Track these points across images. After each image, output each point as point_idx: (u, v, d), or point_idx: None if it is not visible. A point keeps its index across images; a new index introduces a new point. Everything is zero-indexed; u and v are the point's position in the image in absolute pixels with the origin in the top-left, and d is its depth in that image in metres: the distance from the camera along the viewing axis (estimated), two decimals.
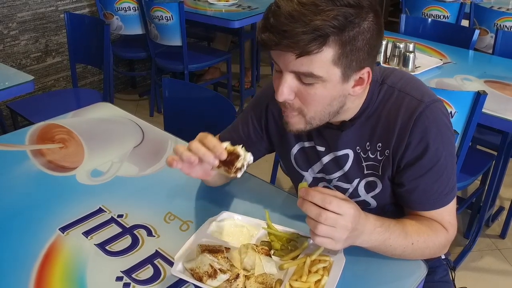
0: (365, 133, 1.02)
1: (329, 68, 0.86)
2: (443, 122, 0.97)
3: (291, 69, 0.87)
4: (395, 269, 0.98)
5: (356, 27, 0.83)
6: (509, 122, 1.71)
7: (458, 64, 2.20)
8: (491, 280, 2.07)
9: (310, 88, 0.89)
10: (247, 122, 1.19)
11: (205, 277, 0.90)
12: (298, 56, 0.84)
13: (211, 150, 0.91)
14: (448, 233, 1.01)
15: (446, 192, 1.00)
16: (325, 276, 0.92)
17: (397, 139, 0.98)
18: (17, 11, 3.10)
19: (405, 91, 0.98)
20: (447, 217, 1.01)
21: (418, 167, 0.98)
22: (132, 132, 1.52)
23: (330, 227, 0.82)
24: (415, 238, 0.95)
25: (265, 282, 0.89)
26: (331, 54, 0.84)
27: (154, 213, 1.14)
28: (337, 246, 0.85)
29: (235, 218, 1.08)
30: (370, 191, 1.08)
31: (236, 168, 0.92)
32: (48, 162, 1.35)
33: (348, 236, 0.84)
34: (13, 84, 1.90)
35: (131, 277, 0.95)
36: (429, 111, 0.96)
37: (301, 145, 1.13)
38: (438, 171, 0.98)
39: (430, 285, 1.20)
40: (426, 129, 0.95)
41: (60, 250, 1.02)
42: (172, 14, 2.92)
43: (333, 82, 0.88)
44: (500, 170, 2.09)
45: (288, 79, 0.89)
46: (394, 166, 1.01)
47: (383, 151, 1.01)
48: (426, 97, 0.97)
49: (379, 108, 1.00)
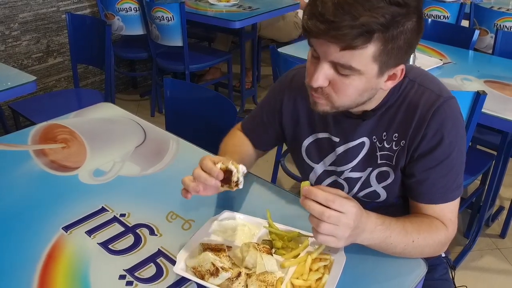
0: (384, 123, 1.05)
1: (368, 63, 0.88)
2: (458, 119, 1.01)
3: (331, 59, 0.89)
4: (396, 267, 0.99)
5: (400, 26, 0.85)
6: (508, 122, 1.72)
7: (458, 64, 2.21)
8: (491, 280, 2.08)
9: (345, 79, 0.91)
10: (263, 106, 1.24)
11: (207, 275, 0.91)
12: (342, 49, 0.85)
13: (208, 173, 0.97)
14: (448, 230, 1.02)
15: (453, 188, 1.02)
16: (326, 274, 0.93)
17: (414, 130, 1.01)
18: (19, 12, 3.11)
19: (425, 85, 1.02)
20: (449, 214, 1.02)
21: (431, 158, 1.00)
22: (134, 132, 1.53)
23: (333, 225, 0.83)
24: (415, 236, 0.97)
25: (267, 280, 0.90)
26: (373, 50, 0.86)
27: (156, 212, 1.15)
28: (340, 244, 0.86)
29: (237, 217, 1.09)
30: (382, 181, 1.10)
31: (234, 183, 0.99)
32: (50, 162, 1.36)
33: (350, 234, 0.86)
34: (15, 84, 1.91)
35: (134, 276, 0.96)
36: (447, 105, 0.99)
37: (315, 136, 1.15)
38: (448, 165, 1.00)
39: (430, 283, 1.21)
40: (442, 122, 0.98)
41: (64, 249, 1.03)
42: (173, 14, 2.93)
43: (368, 76, 0.91)
44: (500, 170, 2.09)
45: (325, 67, 0.90)
46: (408, 156, 1.04)
47: (399, 142, 1.04)
48: (444, 92, 1.01)
49: (399, 99, 1.03)
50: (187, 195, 1.00)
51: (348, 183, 1.14)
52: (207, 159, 1.00)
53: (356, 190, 1.13)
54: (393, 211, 1.07)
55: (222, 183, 0.99)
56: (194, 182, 0.99)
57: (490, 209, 2.28)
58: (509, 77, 2.05)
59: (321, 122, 1.13)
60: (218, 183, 0.99)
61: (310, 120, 1.15)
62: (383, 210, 1.04)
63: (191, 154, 1.41)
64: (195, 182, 0.99)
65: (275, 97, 1.21)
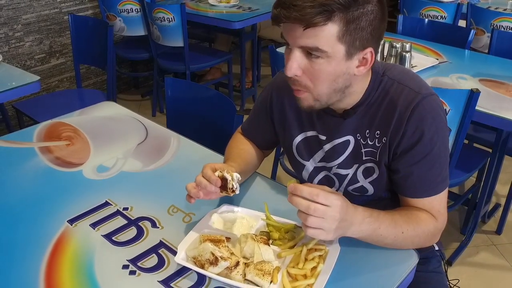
0: (365, 121, 1.09)
1: (334, 43, 0.93)
2: (438, 114, 1.04)
3: (299, 44, 0.94)
4: (388, 257, 1.02)
5: (360, 8, 0.92)
6: (503, 120, 1.76)
7: (454, 63, 2.25)
8: (487, 275, 2.12)
9: (316, 64, 0.95)
10: (256, 108, 1.30)
11: (206, 265, 0.95)
12: (305, 28, 0.91)
13: (208, 180, 1.05)
14: (437, 221, 1.06)
15: (439, 181, 1.06)
16: (321, 263, 0.97)
17: (395, 127, 1.04)
18: (22, 13, 3.15)
19: (404, 83, 1.05)
20: (437, 206, 1.06)
21: (413, 154, 1.04)
22: (136, 129, 1.57)
23: (320, 218, 0.88)
24: (405, 227, 1.01)
25: (264, 269, 0.94)
26: (336, 29, 0.92)
27: (158, 206, 1.19)
28: (328, 236, 0.91)
29: (235, 210, 1.14)
30: (368, 176, 1.14)
31: (230, 189, 1.07)
32: (55, 159, 1.40)
33: (337, 226, 0.90)
34: (20, 84, 1.96)
35: (137, 265, 1.00)
36: (426, 102, 1.02)
37: (304, 135, 1.19)
38: (431, 159, 1.04)
39: (423, 274, 1.25)
40: (422, 119, 1.02)
41: (69, 241, 1.07)
42: (174, 15, 2.97)
43: (337, 59, 0.95)
44: (495, 167, 2.13)
45: (296, 54, 0.96)
46: (391, 153, 1.08)
47: (381, 139, 1.08)
48: (423, 89, 1.04)
49: (379, 98, 1.07)
50: (191, 200, 1.08)
51: (337, 178, 1.18)
52: (207, 168, 1.08)
53: (345, 185, 1.18)
54: (383, 205, 1.11)
55: (220, 189, 1.08)
56: (196, 188, 1.07)
57: (486, 205, 2.32)
58: (504, 75, 2.08)
59: (308, 120, 1.17)
60: (217, 189, 1.07)
61: (298, 119, 1.19)
62: (373, 204, 1.08)
63: (192, 151, 1.46)
64: (197, 188, 1.07)
65: (265, 98, 1.26)
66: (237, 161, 1.20)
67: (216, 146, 1.45)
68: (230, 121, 1.56)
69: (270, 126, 1.28)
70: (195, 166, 1.25)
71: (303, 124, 1.18)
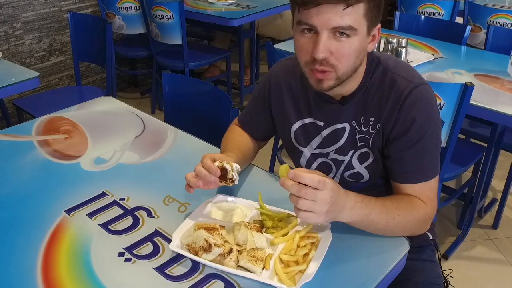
0: (360, 108, 1.12)
1: (362, 21, 0.98)
2: (429, 103, 1.08)
3: (333, 25, 0.96)
4: (379, 245, 1.04)
5: None
6: (498, 114, 1.78)
7: (450, 59, 2.27)
8: (483, 268, 2.13)
9: (344, 44, 0.99)
10: (254, 98, 1.33)
11: (200, 251, 0.97)
12: (346, 7, 0.94)
13: (208, 170, 1.07)
14: (428, 207, 1.08)
15: (429, 168, 1.08)
16: (313, 250, 0.99)
17: (387, 114, 1.08)
18: (22, 11, 3.18)
19: (398, 73, 1.10)
20: (428, 192, 1.09)
21: (405, 140, 1.07)
22: (134, 123, 1.59)
23: (310, 201, 0.89)
24: (396, 213, 1.02)
25: (256, 256, 0.96)
26: (364, 7, 0.97)
27: (154, 196, 1.21)
28: (320, 219, 0.92)
29: (230, 199, 1.16)
30: (363, 161, 1.16)
31: (230, 179, 1.09)
32: (54, 151, 1.42)
33: (328, 210, 0.91)
34: (19, 80, 1.98)
35: (132, 253, 1.02)
36: (418, 91, 1.06)
37: (302, 122, 1.22)
38: (422, 146, 1.07)
39: (418, 263, 1.27)
40: (413, 106, 1.05)
41: (66, 229, 1.09)
42: (173, 13, 2.99)
43: (362, 35, 1.00)
44: (490, 161, 2.15)
45: (325, 36, 0.98)
46: (384, 139, 1.11)
47: (374, 125, 1.11)
48: (415, 79, 1.08)
49: (374, 86, 1.11)
50: (190, 189, 1.10)
51: (334, 164, 1.20)
52: (207, 157, 1.10)
53: (341, 170, 1.20)
54: (378, 191, 1.13)
55: (220, 179, 1.09)
56: (195, 178, 1.09)
57: (482, 200, 2.33)
58: (499, 70, 2.10)
59: (306, 108, 1.20)
60: (217, 179, 1.09)
61: (295, 106, 1.22)
62: (368, 190, 1.10)
63: (188, 143, 1.48)
64: (196, 178, 1.09)
65: (263, 87, 1.29)
66: (235, 152, 1.22)
67: (212, 138, 1.47)
68: (226, 114, 1.58)
69: (267, 115, 1.30)
70: (191, 158, 1.27)
71: (301, 111, 1.21)
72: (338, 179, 1.22)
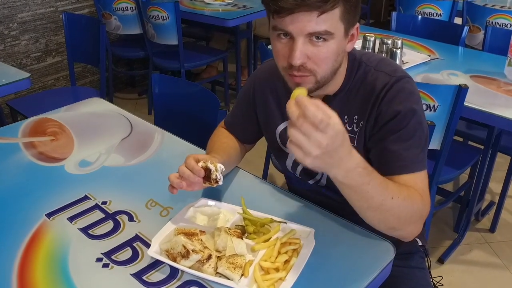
0: (344, 108, 1.10)
1: (338, 24, 0.96)
2: (412, 93, 1.06)
3: (308, 31, 0.94)
4: (363, 251, 1.02)
5: None
6: (494, 116, 1.74)
7: (446, 60, 2.23)
8: (478, 273, 2.10)
9: (321, 48, 0.96)
10: (239, 101, 1.32)
11: (178, 258, 0.95)
12: (320, 14, 0.92)
13: (191, 170, 1.05)
14: (424, 200, 1.00)
15: (416, 160, 1.03)
16: (294, 257, 0.96)
17: (371, 109, 1.07)
18: (18, 12, 3.17)
19: (380, 69, 1.09)
20: (420, 184, 1.02)
21: (386, 129, 1.05)
22: (121, 125, 1.57)
23: (303, 136, 0.79)
24: (396, 193, 0.94)
25: (236, 262, 0.93)
26: (340, 10, 0.95)
27: (137, 200, 1.18)
28: (306, 160, 0.81)
29: (212, 204, 1.13)
30: None
31: (214, 180, 1.07)
32: (38, 154, 1.40)
33: (319, 155, 0.80)
34: (10, 81, 1.96)
35: (111, 258, 1.00)
36: (400, 83, 1.05)
37: (286, 123, 1.19)
38: (405, 135, 1.03)
39: (405, 270, 1.24)
40: (394, 97, 1.04)
41: (45, 234, 1.07)
42: (168, 13, 2.97)
43: (339, 38, 0.98)
44: (487, 163, 2.12)
45: (300, 42, 0.95)
46: (367, 135, 1.09)
47: (358, 123, 1.10)
48: (397, 73, 1.07)
49: (357, 84, 1.09)
50: (173, 190, 1.08)
51: None
52: (190, 158, 1.07)
53: None
54: None
55: (204, 179, 1.07)
56: (179, 178, 1.06)
57: (479, 203, 2.30)
58: (496, 72, 2.07)
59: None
60: (200, 180, 1.06)
61: (279, 108, 1.20)
62: None
63: (175, 145, 1.46)
64: (180, 178, 1.06)
65: (248, 90, 1.27)
66: (220, 154, 1.19)
67: (201, 140, 1.44)
68: (214, 115, 1.56)
69: (253, 117, 1.28)
70: (176, 161, 1.24)
71: (285, 112, 1.17)
72: (325, 179, 1.19)
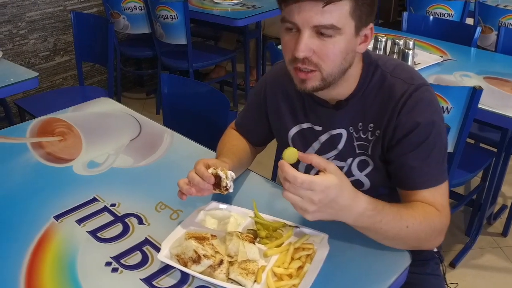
0: (358, 114, 1.07)
1: (347, 19, 0.93)
2: (431, 103, 1.02)
3: (314, 23, 0.92)
4: (379, 258, 0.99)
5: None
6: (508, 119, 1.71)
7: (458, 61, 2.20)
8: (490, 277, 2.07)
9: (328, 43, 0.94)
10: (250, 103, 1.29)
11: (189, 263, 0.92)
12: (325, 5, 0.89)
13: (201, 177, 1.02)
14: (442, 215, 0.99)
15: (436, 173, 1.01)
16: (308, 263, 0.94)
17: (388, 120, 1.02)
18: (26, 11, 3.16)
19: (397, 75, 1.04)
20: (439, 199, 1.00)
21: (407, 143, 1.01)
22: (130, 125, 1.55)
23: (295, 196, 0.83)
24: (410, 221, 0.94)
25: (248, 268, 0.91)
26: (349, 5, 0.92)
27: (146, 203, 1.16)
28: (307, 216, 0.85)
29: (223, 207, 1.11)
30: (363, 169, 1.11)
31: (224, 188, 1.04)
32: (46, 154, 1.39)
33: (317, 210, 0.84)
34: (18, 80, 1.95)
35: (120, 263, 0.98)
36: (419, 92, 1.01)
37: (299, 127, 1.17)
38: (426, 148, 1.00)
39: (421, 277, 1.21)
40: (414, 107, 1.00)
41: (53, 237, 1.05)
42: (177, 13, 2.95)
43: (348, 35, 0.94)
44: (500, 166, 2.08)
45: (306, 35, 0.93)
46: (385, 145, 1.05)
47: (374, 131, 1.06)
48: (416, 80, 1.03)
49: (373, 91, 1.05)
50: (182, 196, 1.05)
51: None
52: (200, 164, 1.05)
53: None
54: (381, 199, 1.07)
55: (214, 186, 1.04)
56: (188, 184, 1.04)
57: (491, 206, 2.26)
58: (510, 73, 2.03)
59: (302, 112, 1.15)
60: (210, 187, 1.04)
61: (292, 111, 1.17)
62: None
63: (184, 147, 1.43)
64: (189, 184, 1.04)
65: (259, 91, 1.24)
66: (230, 157, 1.17)
67: (210, 140, 1.42)
68: (224, 116, 1.54)
69: (264, 120, 1.25)
70: (186, 162, 1.23)
71: (297, 116, 1.16)
72: None
